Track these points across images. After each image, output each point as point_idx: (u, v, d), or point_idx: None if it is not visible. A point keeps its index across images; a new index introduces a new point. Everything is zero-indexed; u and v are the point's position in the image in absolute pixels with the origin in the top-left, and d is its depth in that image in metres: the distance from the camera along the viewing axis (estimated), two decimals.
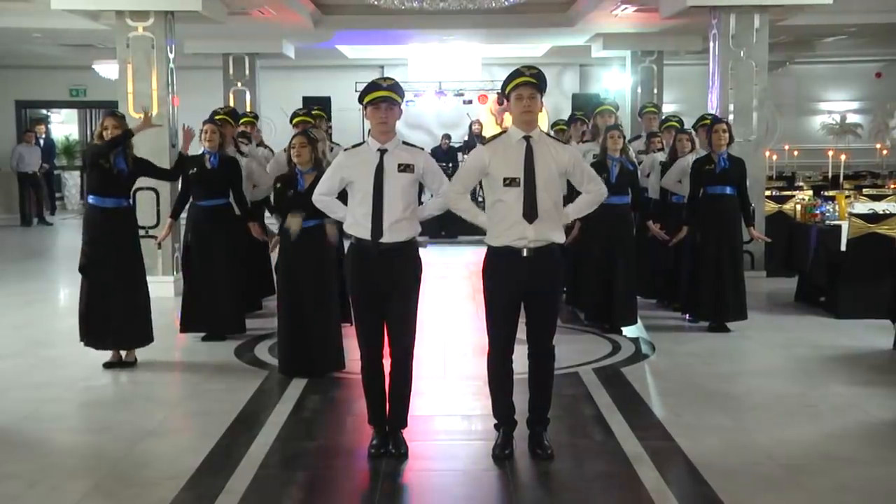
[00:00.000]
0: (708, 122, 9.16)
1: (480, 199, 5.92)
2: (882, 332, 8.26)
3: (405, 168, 5.22)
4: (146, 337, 7.70)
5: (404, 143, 5.39)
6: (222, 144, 8.42)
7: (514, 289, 5.18)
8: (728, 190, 8.61)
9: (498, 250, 5.19)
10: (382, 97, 5.22)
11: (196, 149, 8.37)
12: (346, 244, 5.75)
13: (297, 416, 6.30)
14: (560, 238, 5.23)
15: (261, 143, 10.76)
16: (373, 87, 5.29)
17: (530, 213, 5.06)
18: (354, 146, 5.48)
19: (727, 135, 8.61)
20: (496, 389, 5.41)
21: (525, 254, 5.12)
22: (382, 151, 5.25)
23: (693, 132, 9.60)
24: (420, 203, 5.58)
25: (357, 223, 5.27)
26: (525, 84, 5.10)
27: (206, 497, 4.85)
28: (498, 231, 5.17)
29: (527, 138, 5.13)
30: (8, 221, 19.88)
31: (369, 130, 5.45)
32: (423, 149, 5.52)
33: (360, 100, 5.31)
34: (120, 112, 8.16)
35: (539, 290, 5.20)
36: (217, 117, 8.74)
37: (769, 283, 11.27)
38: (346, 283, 5.43)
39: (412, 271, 5.32)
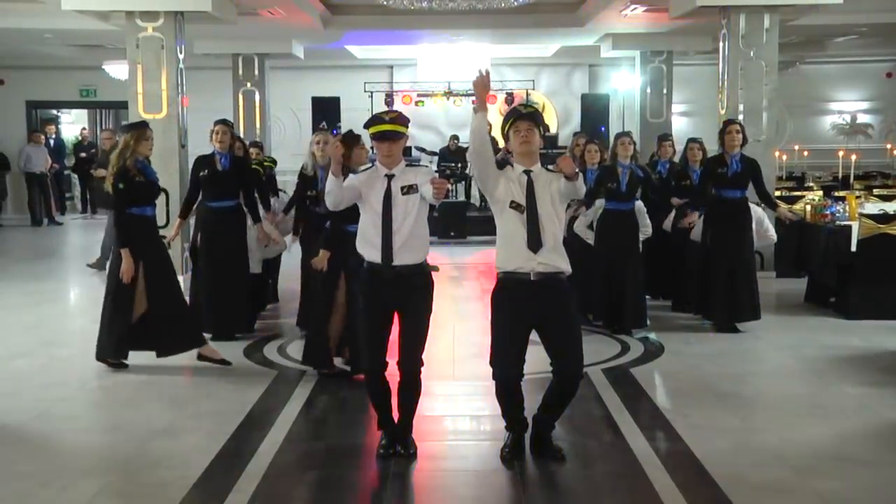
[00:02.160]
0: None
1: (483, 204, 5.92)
2: (892, 333, 8.24)
3: (408, 190, 5.29)
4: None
5: (408, 165, 5.44)
6: (233, 146, 8.43)
7: (521, 316, 5.22)
8: (739, 193, 8.59)
9: (506, 277, 5.25)
10: (386, 132, 5.29)
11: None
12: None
13: (307, 416, 6.32)
14: (567, 268, 5.30)
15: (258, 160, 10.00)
16: (376, 120, 5.36)
17: (534, 243, 5.15)
18: (364, 169, 5.54)
19: (740, 136, 8.58)
20: (505, 408, 5.45)
21: (533, 277, 5.17)
22: (390, 177, 5.31)
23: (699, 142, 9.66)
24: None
25: (368, 243, 5.32)
26: (521, 118, 5.25)
27: (216, 496, 4.86)
28: (505, 257, 5.25)
29: (527, 172, 5.22)
30: (19, 221, 19.96)
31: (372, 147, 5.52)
32: (427, 166, 5.59)
33: (366, 127, 5.40)
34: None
35: (550, 317, 5.22)
36: None
37: (779, 284, 11.24)
38: (358, 300, 5.46)
39: (425, 291, 5.37)
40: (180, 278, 10.94)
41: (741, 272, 8.59)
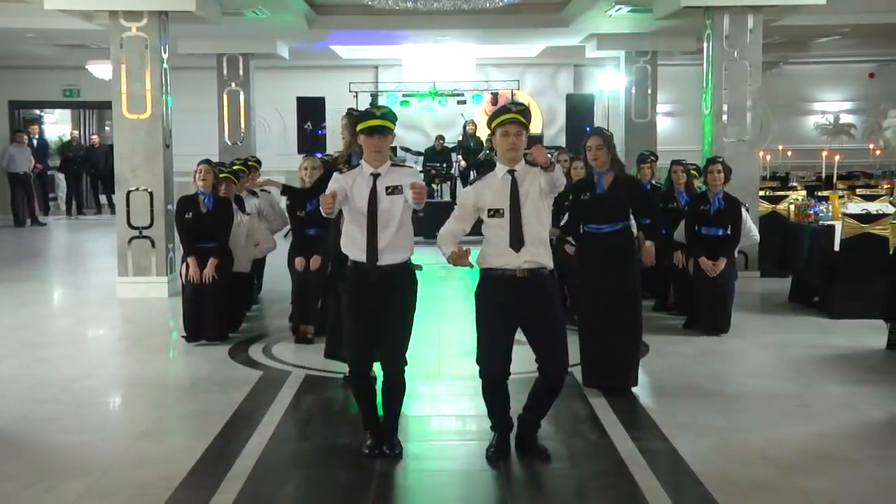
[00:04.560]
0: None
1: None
2: (875, 332, 8.27)
3: (393, 190, 5.28)
4: None
5: (393, 164, 5.44)
6: (215, 185, 8.41)
7: (508, 314, 5.24)
8: (721, 232, 8.61)
9: (490, 273, 5.27)
10: (376, 126, 5.28)
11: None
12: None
13: (292, 417, 6.31)
14: (550, 263, 5.32)
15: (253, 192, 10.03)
16: (367, 115, 5.37)
17: (517, 242, 5.18)
18: (350, 168, 5.52)
19: (722, 175, 8.59)
20: (491, 407, 5.46)
21: (518, 274, 5.19)
22: (375, 176, 5.30)
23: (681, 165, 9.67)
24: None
25: (354, 244, 5.32)
26: (512, 121, 5.23)
27: (201, 497, 4.85)
28: (489, 255, 5.27)
29: (511, 172, 5.25)
30: (2, 222, 19.83)
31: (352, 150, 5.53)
32: (412, 167, 5.61)
33: (354, 125, 5.38)
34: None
35: (536, 314, 5.24)
36: (222, 175, 8.72)
37: (763, 284, 11.29)
38: (342, 301, 5.45)
39: (408, 290, 5.37)
40: (165, 278, 11.00)
41: (722, 294, 8.63)
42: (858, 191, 12.80)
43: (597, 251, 6.81)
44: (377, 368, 5.60)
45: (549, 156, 5.12)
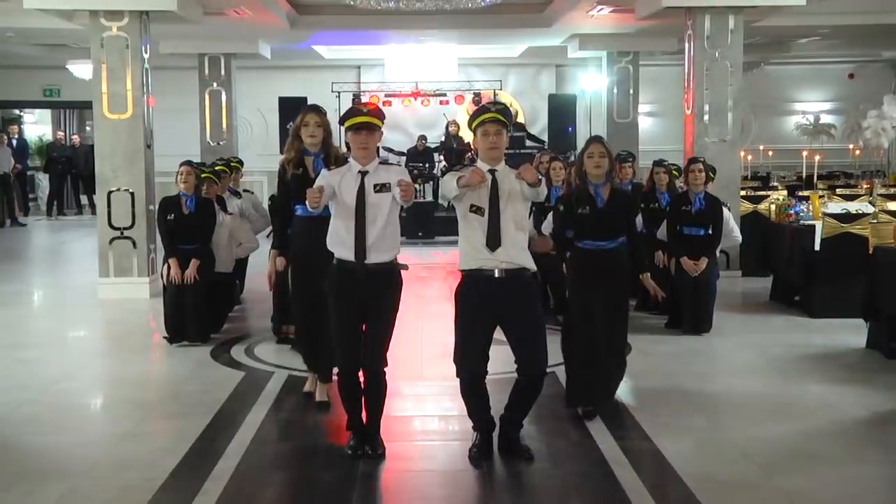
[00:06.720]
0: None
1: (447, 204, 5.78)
2: (856, 331, 8.32)
3: (381, 188, 5.28)
4: None
5: (381, 163, 5.42)
6: (198, 187, 8.37)
7: (486, 313, 5.24)
8: (702, 231, 8.65)
9: (470, 274, 5.27)
10: (363, 123, 5.28)
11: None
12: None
13: (274, 417, 6.30)
14: (531, 265, 5.31)
15: (236, 192, 10.13)
16: (354, 112, 5.36)
17: (493, 242, 5.17)
18: (338, 167, 5.51)
19: (703, 174, 8.63)
20: (471, 407, 5.46)
21: (497, 275, 5.20)
22: (363, 173, 5.29)
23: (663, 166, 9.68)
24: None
25: (341, 242, 5.31)
26: (492, 120, 5.23)
27: (183, 499, 4.83)
28: (467, 256, 5.27)
29: (492, 172, 5.23)
30: None
31: (346, 144, 5.50)
32: (399, 165, 5.57)
33: (341, 122, 5.39)
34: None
35: (514, 314, 5.25)
36: (204, 175, 8.68)
37: (744, 283, 11.34)
38: (328, 299, 5.43)
39: (394, 290, 5.37)
40: (146, 279, 10.96)
41: (703, 294, 8.66)
42: (838, 190, 12.91)
43: (592, 270, 6.31)
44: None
45: (538, 176, 5.11)
